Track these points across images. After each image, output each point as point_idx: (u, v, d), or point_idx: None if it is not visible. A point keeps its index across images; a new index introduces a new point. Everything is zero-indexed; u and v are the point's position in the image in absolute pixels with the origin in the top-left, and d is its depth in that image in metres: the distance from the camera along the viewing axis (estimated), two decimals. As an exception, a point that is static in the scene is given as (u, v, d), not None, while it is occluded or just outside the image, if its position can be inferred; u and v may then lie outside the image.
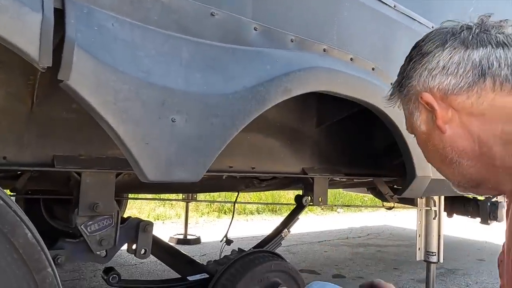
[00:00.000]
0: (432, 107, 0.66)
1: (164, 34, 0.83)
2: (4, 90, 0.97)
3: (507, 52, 0.63)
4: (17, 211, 0.71)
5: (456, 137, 0.65)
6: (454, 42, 0.65)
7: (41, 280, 0.72)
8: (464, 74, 0.63)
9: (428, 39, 0.69)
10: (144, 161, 0.78)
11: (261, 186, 1.88)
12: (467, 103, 0.63)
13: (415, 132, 0.72)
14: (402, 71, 0.73)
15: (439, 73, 0.65)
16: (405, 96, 0.71)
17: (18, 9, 0.60)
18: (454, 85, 0.64)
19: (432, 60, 0.66)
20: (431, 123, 0.68)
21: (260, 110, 0.95)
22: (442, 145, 0.67)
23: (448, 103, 0.65)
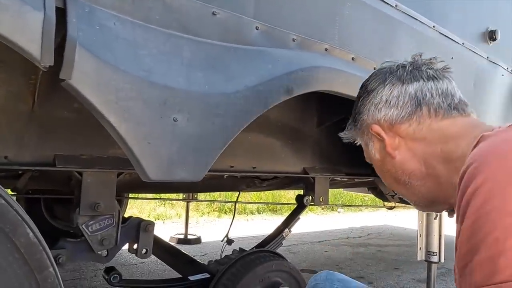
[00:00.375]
0: (381, 136, 0.75)
1: (165, 33, 0.83)
2: (5, 89, 0.97)
3: (437, 84, 0.73)
4: (18, 211, 0.70)
5: (405, 161, 0.73)
6: (392, 79, 0.76)
7: (42, 280, 0.72)
8: (403, 105, 0.73)
9: (372, 79, 0.80)
10: (146, 160, 0.78)
11: (262, 186, 1.88)
12: (410, 130, 0.73)
13: (372, 161, 0.81)
14: (354, 108, 0.83)
15: (383, 106, 0.75)
16: (359, 130, 0.81)
17: (20, 7, 0.60)
18: (397, 116, 0.73)
19: (376, 96, 0.76)
20: (383, 151, 0.76)
21: (261, 110, 0.95)
22: (394, 169, 0.75)
23: (394, 132, 0.74)
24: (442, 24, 1.60)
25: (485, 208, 0.47)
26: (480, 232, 0.47)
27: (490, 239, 0.46)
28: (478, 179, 0.49)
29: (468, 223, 0.49)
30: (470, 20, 1.84)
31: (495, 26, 1.91)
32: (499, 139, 0.54)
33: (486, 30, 1.90)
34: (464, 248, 0.50)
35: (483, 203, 0.48)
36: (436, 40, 1.58)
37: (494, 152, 0.51)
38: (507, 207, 0.46)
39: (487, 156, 0.51)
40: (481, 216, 0.47)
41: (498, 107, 2.08)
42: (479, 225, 0.48)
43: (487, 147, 0.53)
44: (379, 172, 0.81)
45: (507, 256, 0.44)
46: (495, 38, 1.89)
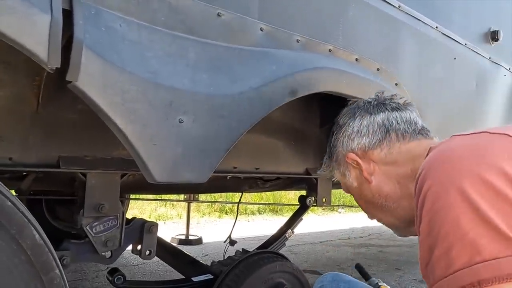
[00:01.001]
0: (357, 163, 0.81)
1: (171, 34, 0.83)
2: (9, 90, 0.96)
3: (401, 113, 0.81)
4: (24, 212, 0.70)
5: (380, 184, 0.78)
6: (361, 112, 0.84)
7: (48, 281, 0.72)
8: (373, 133, 0.80)
9: (342, 115, 0.88)
10: (151, 162, 0.78)
11: (265, 187, 1.87)
12: (382, 154, 0.79)
13: (351, 191, 0.86)
14: (329, 144, 0.91)
15: (355, 136, 0.82)
16: (335, 162, 0.88)
17: (27, 10, 0.60)
18: (369, 143, 0.80)
19: (348, 128, 0.84)
20: (360, 178, 0.82)
21: (266, 111, 0.95)
22: (371, 194, 0.80)
23: (368, 158, 0.80)
24: (444, 25, 1.60)
25: (434, 208, 0.54)
26: (434, 230, 0.53)
27: (442, 234, 0.52)
28: (426, 184, 0.56)
29: (424, 223, 0.55)
30: (473, 20, 1.85)
31: (498, 27, 1.91)
32: (442, 148, 0.61)
33: (489, 31, 1.90)
34: (424, 247, 0.55)
35: (432, 204, 0.54)
36: (438, 40, 1.58)
37: (437, 159, 0.58)
38: (449, 203, 0.52)
39: (432, 163, 0.58)
40: (433, 216, 0.54)
41: (500, 107, 2.08)
42: (432, 224, 0.54)
43: (432, 156, 0.60)
44: (358, 200, 0.86)
45: (457, 247, 0.50)
46: (497, 38, 1.90)
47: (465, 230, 0.49)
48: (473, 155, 0.54)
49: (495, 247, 0.48)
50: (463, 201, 0.50)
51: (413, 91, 1.44)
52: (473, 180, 0.51)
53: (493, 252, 0.47)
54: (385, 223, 0.83)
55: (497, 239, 0.48)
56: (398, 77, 1.37)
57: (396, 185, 0.76)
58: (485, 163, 0.52)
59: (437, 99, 1.62)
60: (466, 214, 0.50)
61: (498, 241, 0.48)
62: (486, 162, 0.52)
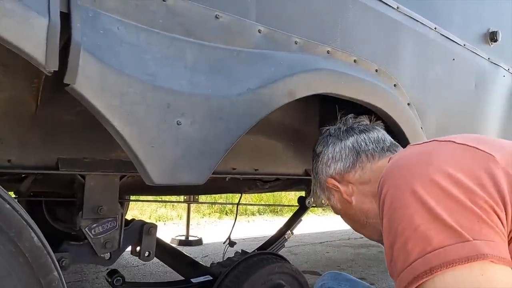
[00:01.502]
0: (336, 187, 0.88)
1: (169, 37, 0.83)
2: (8, 93, 0.97)
3: (368, 134, 0.89)
4: (23, 215, 0.71)
5: (360, 203, 0.85)
6: (333, 139, 0.92)
7: (47, 283, 0.72)
8: (346, 157, 0.88)
9: (318, 144, 0.96)
10: (150, 164, 0.78)
11: (264, 188, 1.88)
12: (356, 175, 0.86)
13: (337, 212, 0.93)
14: (313, 171, 0.98)
15: (331, 162, 0.90)
16: (320, 188, 0.95)
17: (25, 13, 0.60)
18: (344, 166, 0.87)
19: (324, 156, 0.92)
20: (342, 200, 0.89)
21: (265, 113, 0.95)
22: (354, 212, 0.87)
23: (346, 181, 0.87)
24: (443, 26, 1.60)
25: (392, 207, 0.60)
26: (392, 227, 0.59)
27: (399, 230, 0.57)
28: (385, 188, 0.63)
29: (385, 223, 0.61)
30: (472, 21, 1.85)
31: (496, 27, 1.91)
32: (397, 157, 0.69)
33: (487, 31, 1.90)
34: (387, 244, 0.60)
35: (390, 204, 0.61)
36: (437, 41, 1.59)
37: (393, 167, 0.65)
38: (404, 203, 0.58)
39: (389, 170, 0.65)
40: (391, 215, 0.60)
41: (500, 108, 2.08)
42: (391, 222, 0.59)
43: (390, 165, 0.67)
44: (345, 219, 0.93)
45: (412, 240, 0.55)
46: (496, 39, 1.89)
47: (417, 224, 0.55)
48: (423, 161, 0.62)
49: (442, 237, 0.53)
50: (416, 201, 0.57)
51: (412, 92, 1.44)
52: (423, 182, 0.58)
53: (441, 241, 0.53)
54: (371, 237, 0.90)
55: (444, 230, 0.53)
56: (397, 78, 1.37)
57: (373, 202, 0.82)
58: (432, 167, 0.59)
59: (436, 100, 1.62)
60: (418, 211, 0.56)
61: (445, 232, 0.53)
62: (433, 166, 0.59)
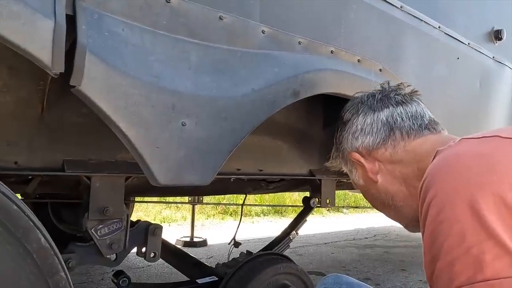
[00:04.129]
0: (361, 162, 0.79)
1: (173, 38, 0.84)
2: (15, 95, 0.98)
3: (406, 108, 0.79)
4: (30, 216, 0.71)
5: (386, 184, 0.77)
6: (364, 108, 0.81)
7: (54, 284, 0.73)
8: (377, 131, 0.78)
9: (346, 110, 0.85)
10: (155, 165, 0.79)
11: (269, 188, 1.88)
12: (386, 154, 0.77)
13: (358, 187, 0.85)
14: (335, 139, 0.89)
15: (359, 134, 0.80)
16: (342, 158, 0.86)
17: (31, 15, 0.61)
18: (373, 142, 0.78)
19: (352, 126, 0.82)
20: (365, 176, 0.80)
21: (269, 113, 0.95)
22: (378, 193, 0.79)
23: (373, 157, 0.78)
24: (447, 25, 1.60)
25: (438, 219, 0.51)
26: (437, 241, 0.51)
27: (445, 247, 0.50)
28: (431, 192, 0.54)
29: (427, 233, 0.53)
30: (476, 20, 1.84)
31: (501, 26, 1.90)
32: (448, 153, 0.57)
33: (492, 30, 1.90)
34: (428, 257, 0.54)
35: (437, 214, 0.52)
36: (441, 40, 1.58)
37: (442, 167, 0.55)
38: (455, 216, 0.49)
39: (437, 170, 0.56)
40: (436, 226, 0.52)
41: (505, 107, 2.07)
42: (436, 235, 0.52)
43: (438, 162, 0.57)
44: (366, 196, 0.85)
45: (461, 262, 0.48)
46: (501, 37, 1.89)
47: (470, 244, 0.47)
48: (484, 167, 0.51)
49: (499, 266, 0.45)
50: (472, 216, 0.48)
51: (416, 91, 1.43)
52: (484, 195, 0.48)
53: (498, 271, 0.45)
54: (393, 219, 0.83)
55: (502, 257, 0.45)
56: (401, 77, 1.37)
57: (402, 184, 0.74)
58: (497, 177, 0.49)
59: (440, 99, 1.61)
60: (473, 228, 0.47)
61: (503, 259, 0.45)
62: (498, 176, 0.49)
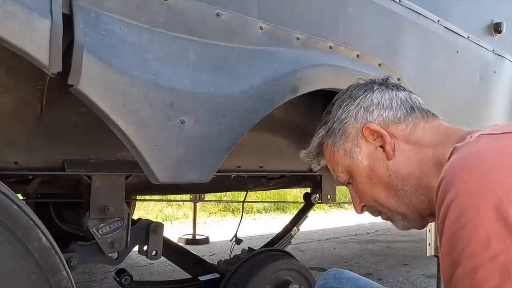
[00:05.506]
0: (379, 135, 0.72)
1: (170, 36, 0.83)
2: (13, 95, 0.98)
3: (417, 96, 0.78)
4: (31, 216, 0.71)
5: (400, 164, 0.70)
6: (380, 87, 0.77)
7: (56, 283, 0.73)
8: (398, 107, 0.74)
9: (352, 89, 0.81)
10: (154, 163, 0.79)
11: (269, 185, 1.88)
12: (406, 131, 0.72)
13: (353, 171, 0.76)
14: (330, 119, 0.81)
15: (375, 108, 0.74)
16: (340, 138, 0.77)
17: (28, 15, 0.61)
18: (393, 116, 0.73)
19: (366, 100, 0.76)
20: (374, 155, 0.73)
21: (268, 110, 0.95)
22: (388, 173, 0.71)
23: (389, 133, 0.72)
24: (446, 18, 1.59)
25: (460, 222, 0.48)
26: (458, 245, 0.48)
27: (467, 252, 0.47)
28: (451, 193, 0.50)
29: (446, 237, 0.50)
30: (475, 13, 1.83)
31: (501, 19, 1.90)
32: (469, 151, 0.54)
33: (491, 23, 1.89)
34: (447, 261, 0.50)
35: (458, 217, 0.48)
36: (440, 34, 1.57)
37: (464, 165, 0.52)
38: (480, 219, 0.46)
39: (458, 169, 0.52)
40: (457, 230, 0.48)
41: (505, 100, 2.06)
42: (456, 239, 0.48)
43: (457, 160, 0.53)
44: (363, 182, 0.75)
45: (486, 269, 0.45)
46: (500, 30, 1.88)
47: (496, 252, 0.44)
48: (506, 165, 0.48)
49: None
50: (498, 221, 0.45)
51: (415, 85, 1.43)
52: (510, 197, 0.45)
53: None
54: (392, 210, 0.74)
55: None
56: (400, 72, 1.36)
57: (415, 169, 0.69)
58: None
59: (440, 93, 1.61)
60: (499, 234, 0.45)
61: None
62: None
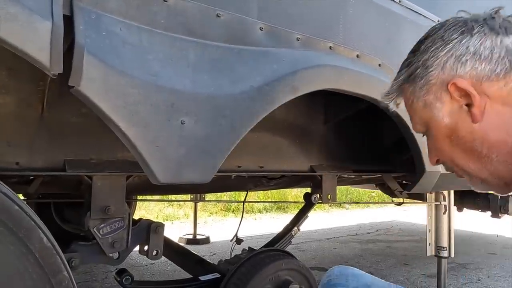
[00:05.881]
0: (466, 93, 0.61)
1: (171, 37, 0.84)
2: (15, 96, 0.98)
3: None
4: (32, 216, 0.72)
5: (489, 129, 0.61)
6: (482, 28, 0.62)
7: (57, 283, 0.73)
8: (499, 60, 0.60)
9: (446, 28, 0.65)
10: (154, 163, 0.79)
11: (270, 185, 1.88)
12: (504, 90, 0.60)
13: (432, 127, 0.67)
14: (415, 61, 0.68)
15: (470, 59, 0.61)
16: (421, 88, 0.66)
17: (28, 17, 0.61)
18: (490, 71, 0.60)
19: (460, 47, 0.62)
20: (458, 114, 0.63)
21: (268, 110, 0.95)
22: (472, 137, 0.62)
23: (481, 91, 0.61)
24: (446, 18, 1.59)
25: None
26: None
27: None
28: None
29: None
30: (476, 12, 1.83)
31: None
32: None
33: (492, 23, 1.89)
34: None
35: None
36: (441, 34, 1.57)
37: None
38: None
39: None
40: None
41: None
42: None
43: None
44: (441, 140, 0.66)
45: None
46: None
47: None
48: None
49: None
50: None
51: (415, 85, 1.43)
52: None
53: None
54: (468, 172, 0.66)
55: None
56: (400, 72, 1.36)
57: (507, 135, 0.60)
58: None
59: (440, 93, 1.61)
60: None
61: None
62: None
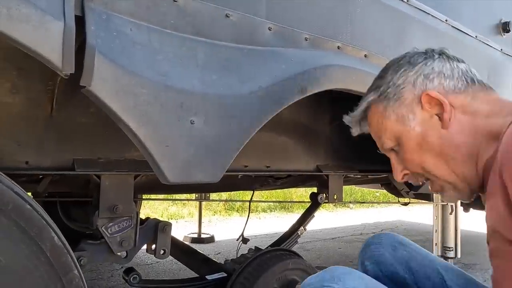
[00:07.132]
0: (438, 102, 0.73)
1: (180, 37, 0.84)
2: (24, 96, 0.99)
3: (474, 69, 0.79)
4: (43, 215, 0.72)
5: (454, 133, 0.73)
6: (441, 56, 0.78)
7: (68, 282, 0.74)
8: (459, 77, 0.75)
9: (410, 56, 0.80)
10: (164, 163, 0.79)
11: (276, 185, 1.88)
12: (465, 101, 0.73)
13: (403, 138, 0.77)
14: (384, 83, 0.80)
15: (436, 76, 0.75)
16: (394, 103, 0.78)
17: (41, 17, 0.62)
18: (454, 86, 0.74)
19: (426, 68, 0.77)
20: (428, 122, 0.75)
21: (276, 110, 0.95)
22: (440, 141, 0.74)
23: (448, 102, 0.73)
24: (454, 18, 1.58)
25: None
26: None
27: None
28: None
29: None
30: (483, 12, 1.82)
31: (509, 18, 1.88)
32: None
33: (500, 22, 1.88)
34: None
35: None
36: (448, 34, 1.57)
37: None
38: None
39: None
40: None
41: (513, 100, 2.05)
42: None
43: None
44: (413, 150, 0.77)
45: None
46: (508, 29, 1.86)
47: None
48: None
49: None
50: None
51: (423, 85, 1.42)
52: None
53: None
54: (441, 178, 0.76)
55: None
56: (408, 72, 1.36)
57: (469, 139, 0.71)
58: None
59: (448, 93, 1.60)
60: None
61: None
62: None
